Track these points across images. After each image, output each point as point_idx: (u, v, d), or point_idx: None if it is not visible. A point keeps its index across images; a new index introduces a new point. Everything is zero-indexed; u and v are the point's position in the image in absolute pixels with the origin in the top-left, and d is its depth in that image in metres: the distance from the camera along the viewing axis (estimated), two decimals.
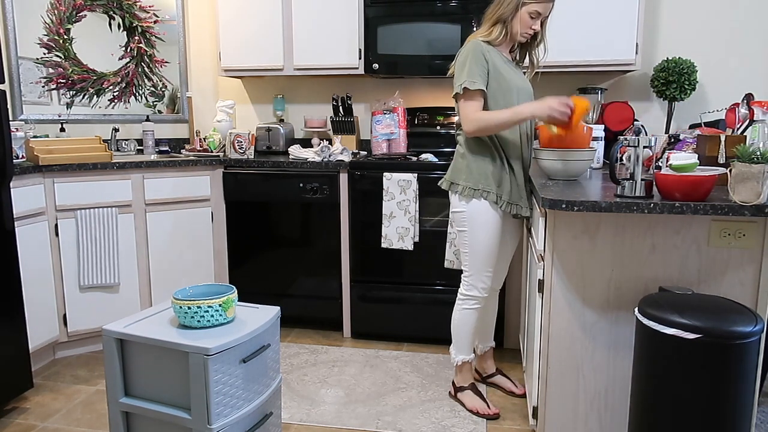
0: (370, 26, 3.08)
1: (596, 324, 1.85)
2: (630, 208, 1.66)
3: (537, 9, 2.07)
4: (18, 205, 2.49)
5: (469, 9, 2.94)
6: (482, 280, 2.25)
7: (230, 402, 1.66)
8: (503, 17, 2.12)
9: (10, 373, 2.35)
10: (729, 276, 1.74)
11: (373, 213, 2.97)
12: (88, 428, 2.25)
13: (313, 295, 3.15)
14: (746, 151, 1.60)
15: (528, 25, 2.11)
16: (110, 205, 2.85)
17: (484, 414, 2.31)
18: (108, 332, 1.71)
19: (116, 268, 2.87)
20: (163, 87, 3.59)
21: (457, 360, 2.37)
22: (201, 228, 3.14)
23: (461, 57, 2.14)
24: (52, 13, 3.15)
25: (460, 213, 2.22)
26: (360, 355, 2.90)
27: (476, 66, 2.09)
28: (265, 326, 1.80)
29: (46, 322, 2.73)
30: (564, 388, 1.90)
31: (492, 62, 2.12)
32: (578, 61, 2.92)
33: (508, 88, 2.13)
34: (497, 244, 2.23)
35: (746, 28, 3.06)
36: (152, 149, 3.42)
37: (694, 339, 1.43)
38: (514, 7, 2.09)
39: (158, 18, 3.50)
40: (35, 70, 3.15)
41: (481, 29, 2.18)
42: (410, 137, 3.32)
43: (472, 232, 2.21)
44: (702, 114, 2.93)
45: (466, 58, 2.11)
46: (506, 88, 2.13)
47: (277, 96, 3.59)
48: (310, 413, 2.36)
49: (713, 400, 1.44)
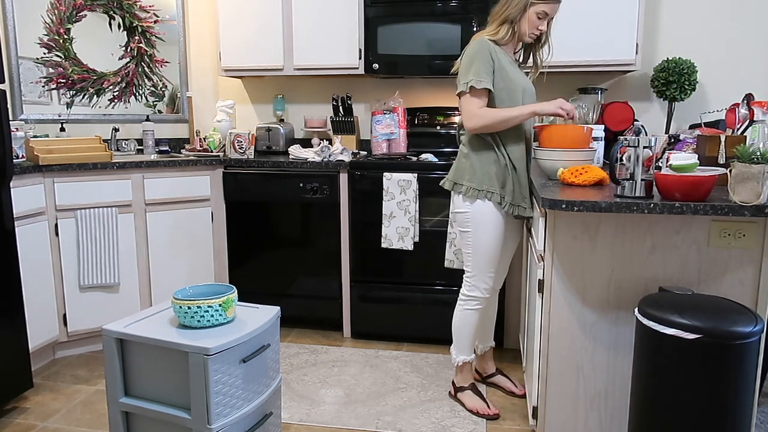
0: (370, 26, 3.08)
1: (596, 324, 1.85)
2: (630, 208, 1.66)
3: (545, 9, 2.08)
4: (18, 205, 2.49)
5: (469, 9, 2.94)
6: (485, 280, 2.25)
7: (230, 402, 1.66)
8: (511, 17, 2.12)
9: (10, 373, 2.35)
10: (729, 276, 1.74)
11: (373, 213, 2.97)
12: (88, 428, 2.25)
13: (313, 295, 3.15)
14: (746, 151, 1.60)
15: (535, 25, 2.11)
16: (110, 205, 2.85)
17: (485, 414, 2.31)
18: (108, 332, 1.71)
19: (116, 268, 2.87)
20: (163, 87, 3.59)
21: (457, 360, 2.37)
22: (201, 228, 3.14)
23: (468, 55, 2.14)
24: (52, 13, 3.15)
25: (463, 213, 2.22)
26: (360, 355, 2.90)
27: (483, 65, 2.09)
28: (265, 326, 1.80)
29: (46, 322, 2.73)
30: (564, 388, 1.90)
31: (499, 61, 2.12)
32: (578, 61, 2.92)
33: (514, 88, 2.13)
34: (500, 244, 2.23)
35: (746, 28, 3.06)
36: (152, 149, 3.42)
37: (694, 339, 1.43)
38: (522, 8, 2.09)
39: (158, 18, 3.50)
40: (35, 70, 3.15)
41: (488, 28, 2.18)
42: (410, 137, 3.32)
43: (476, 233, 2.20)
44: (702, 114, 2.94)
45: (474, 56, 2.11)
46: (512, 87, 2.13)
47: (277, 96, 3.59)
48: (310, 413, 2.36)
49: (713, 400, 1.44)
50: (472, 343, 2.37)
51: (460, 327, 2.32)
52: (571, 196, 1.72)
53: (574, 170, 2.00)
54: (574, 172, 2.00)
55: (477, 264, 2.23)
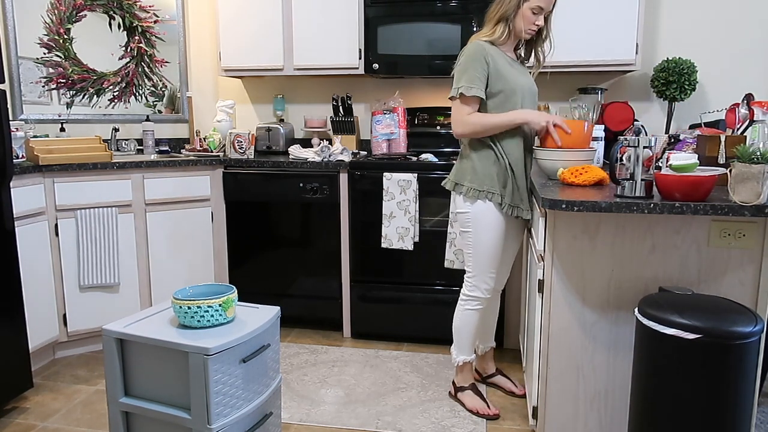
0: (370, 26, 3.08)
1: (596, 324, 1.85)
2: (630, 208, 1.66)
3: (539, 4, 2.07)
4: (18, 205, 2.49)
5: (469, 9, 2.94)
6: (485, 281, 2.25)
7: (230, 402, 1.66)
8: (505, 15, 2.11)
9: (10, 373, 2.35)
10: (729, 276, 1.74)
11: (373, 213, 2.97)
12: (88, 428, 2.25)
13: (313, 295, 3.15)
14: (746, 151, 1.60)
15: (531, 21, 2.10)
16: (110, 205, 2.85)
17: (485, 414, 2.31)
18: (108, 332, 1.71)
19: (116, 268, 2.87)
20: (163, 87, 3.59)
21: (458, 360, 2.37)
22: (201, 228, 3.14)
23: (462, 60, 2.14)
24: (52, 13, 3.15)
25: (464, 214, 2.22)
26: (360, 355, 2.90)
27: (476, 71, 2.09)
28: (265, 326, 1.80)
29: (46, 322, 2.73)
30: (564, 388, 1.90)
31: (494, 64, 2.11)
32: (578, 61, 2.92)
33: (512, 90, 2.12)
34: (501, 245, 2.22)
35: (746, 28, 3.06)
36: (152, 149, 3.42)
37: (694, 339, 1.43)
38: (516, 4, 2.09)
39: (158, 18, 3.50)
40: (35, 70, 3.15)
41: (484, 29, 2.18)
42: (410, 137, 3.32)
43: (476, 233, 2.20)
44: (702, 114, 2.93)
45: (467, 61, 2.11)
46: (510, 89, 2.12)
47: (277, 96, 3.59)
48: (310, 413, 2.36)
49: (713, 400, 1.44)
50: (473, 344, 2.37)
51: (460, 327, 2.32)
52: (571, 196, 1.72)
53: (574, 170, 2.00)
54: (574, 172, 2.00)
55: (477, 264, 2.23)
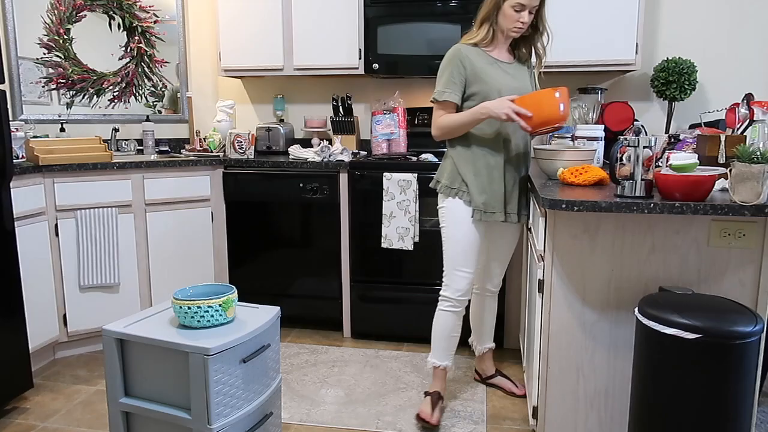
0: (370, 26, 3.08)
1: (596, 324, 1.85)
2: (630, 208, 1.66)
3: (519, 1, 2.02)
4: (18, 205, 2.49)
5: (469, 9, 2.94)
6: (455, 280, 2.20)
7: (230, 402, 1.66)
8: (488, 16, 2.12)
9: (10, 373, 2.35)
10: (729, 276, 1.74)
11: (373, 213, 2.97)
12: (88, 428, 2.25)
13: (313, 295, 3.15)
14: (746, 151, 1.60)
15: (514, 19, 2.06)
16: (110, 205, 2.85)
17: (424, 419, 2.20)
18: (108, 332, 1.71)
19: (116, 268, 2.87)
20: (163, 87, 3.59)
21: (429, 363, 2.31)
22: (201, 228, 3.14)
23: (441, 65, 2.16)
24: (52, 13, 3.15)
25: (440, 209, 2.26)
26: (360, 355, 2.90)
27: (451, 75, 2.11)
28: (265, 326, 1.80)
29: (46, 322, 2.73)
30: (564, 388, 1.90)
31: (471, 67, 2.11)
32: (578, 61, 2.92)
33: (488, 91, 2.10)
34: (473, 243, 2.18)
35: (746, 28, 3.06)
36: (152, 149, 3.42)
37: (694, 339, 1.43)
38: (495, 5, 2.08)
39: (158, 18, 3.50)
40: (35, 70, 3.15)
41: (470, 32, 2.19)
42: (410, 137, 3.32)
43: (447, 230, 2.22)
44: (702, 114, 2.93)
45: (444, 66, 2.14)
46: (486, 91, 2.10)
47: (277, 96, 3.59)
48: (310, 413, 2.36)
49: (713, 400, 1.44)
50: (447, 349, 2.28)
51: (433, 329, 2.28)
52: (571, 196, 1.72)
53: (574, 170, 2.00)
54: (574, 172, 2.00)
55: (447, 261, 2.23)
